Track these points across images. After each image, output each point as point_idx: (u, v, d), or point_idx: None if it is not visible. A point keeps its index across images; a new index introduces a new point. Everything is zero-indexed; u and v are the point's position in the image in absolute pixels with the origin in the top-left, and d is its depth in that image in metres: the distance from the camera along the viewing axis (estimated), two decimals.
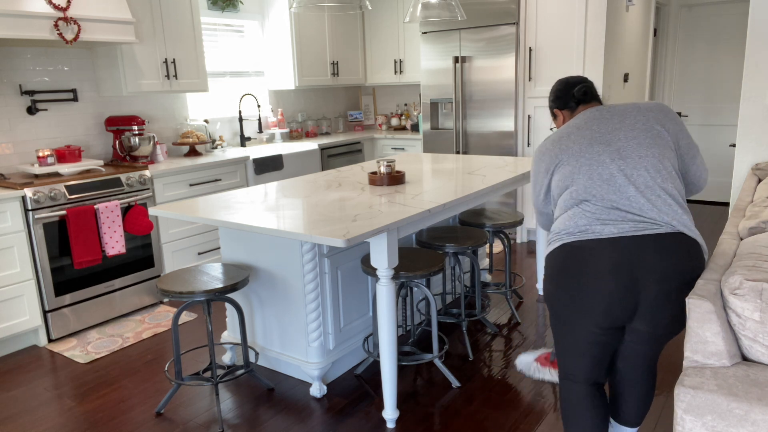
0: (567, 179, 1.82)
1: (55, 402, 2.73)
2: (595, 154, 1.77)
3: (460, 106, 5.10)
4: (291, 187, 3.10)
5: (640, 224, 1.68)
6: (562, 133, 1.88)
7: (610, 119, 1.82)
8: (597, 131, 1.81)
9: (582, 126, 1.85)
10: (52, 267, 3.30)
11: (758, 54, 3.34)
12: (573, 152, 1.82)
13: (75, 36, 3.30)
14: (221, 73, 5.00)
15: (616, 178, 1.72)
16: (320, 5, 2.84)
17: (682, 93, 6.27)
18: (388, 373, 2.39)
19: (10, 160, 3.63)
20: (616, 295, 1.67)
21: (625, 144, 1.76)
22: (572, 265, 1.72)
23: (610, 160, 1.74)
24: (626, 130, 1.78)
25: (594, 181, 1.75)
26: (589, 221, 1.72)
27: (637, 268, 1.65)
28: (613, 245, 1.67)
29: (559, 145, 1.86)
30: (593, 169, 1.76)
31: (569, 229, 1.76)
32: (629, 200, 1.70)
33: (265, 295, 2.83)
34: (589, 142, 1.80)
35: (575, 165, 1.80)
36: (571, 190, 1.79)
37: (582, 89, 2.00)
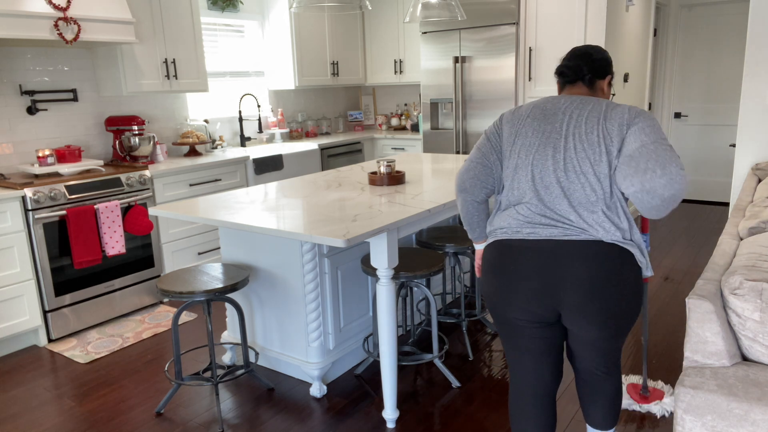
0: (512, 172, 1.76)
1: (55, 402, 2.73)
2: (543, 157, 1.70)
3: (460, 106, 5.09)
4: (291, 187, 3.10)
5: (568, 230, 1.65)
6: (527, 114, 1.78)
7: (571, 120, 1.69)
8: (553, 130, 1.71)
9: (543, 117, 1.74)
10: (52, 267, 3.30)
11: (758, 54, 3.34)
12: (526, 146, 1.74)
13: (75, 36, 3.30)
14: (221, 73, 5.00)
15: (554, 188, 1.67)
16: (320, 5, 2.84)
17: (682, 93, 6.27)
18: (388, 373, 2.39)
19: (10, 160, 3.63)
20: (535, 294, 1.68)
21: (573, 155, 1.66)
22: (503, 261, 1.73)
23: (553, 169, 1.68)
24: (579, 138, 1.66)
25: (535, 184, 1.70)
26: (521, 223, 1.71)
27: (558, 272, 1.64)
28: (538, 248, 1.67)
29: (520, 128, 1.77)
30: (536, 173, 1.70)
31: (504, 227, 1.75)
32: (561, 211, 1.66)
33: (265, 295, 2.83)
34: (543, 141, 1.71)
35: (525, 161, 1.73)
36: (513, 188, 1.75)
37: (560, 67, 1.86)
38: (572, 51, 1.86)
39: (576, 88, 1.82)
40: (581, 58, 1.81)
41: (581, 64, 1.80)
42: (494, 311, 1.82)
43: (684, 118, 6.32)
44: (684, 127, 6.34)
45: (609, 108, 1.68)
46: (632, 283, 1.66)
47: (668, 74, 6.29)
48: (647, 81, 5.68)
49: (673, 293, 3.82)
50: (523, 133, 1.74)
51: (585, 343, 1.78)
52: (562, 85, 1.85)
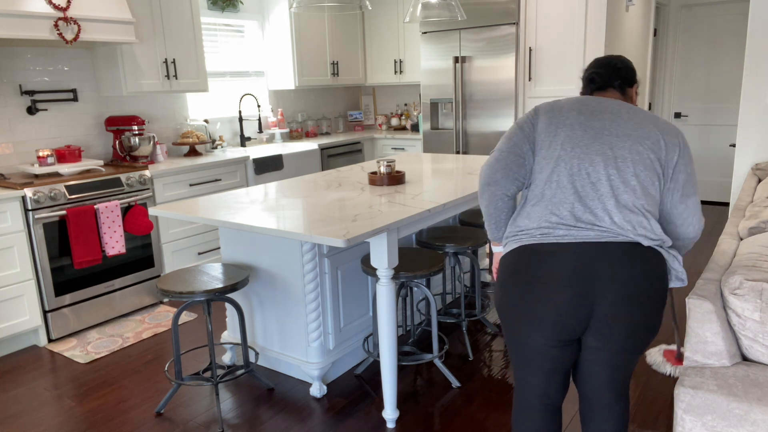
0: (551, 164, 1.62)
1: (55, 402, 2.73)
2: (592, 152, 1.59)
3: (460, 106, 5.09)
4: (291, 187, 3.10)
5: (605, 232, 1.55)
6: (570, 107, 1.68)
7: (624, 122, 1.61)
8: (603, 127, 1.61)
9: (591, 113, 1.65)
10: (52, 267, 3.30)
11: (758, 54, 3.34)
12: (573, 138, 1.61)
13: (75, 36, 3.30)
14: (221, 73, 5.00)
15: (602, 185, 1.57)
16: (320, 5, 2.84)
17: (682, 93, 6.27)
18: (388, 373, 2.39)
19: (10, 160, 3.63)
20: (569, 305, 1.54)
21: (626, 155, 1.57)
22: (526, 269, 1.59)
23: (604, 165, 1.57)
24: (634, 140, 1.58)
25: (579, 180, 1.58)
26: (555, 224, 1.58)
27: (595, 276, 1.53)
28: (574, 251, 1.54)
29: (563, 120, 1.66)
30: (583, 167, 1.58)
31: (532, 228, 1.61)
32: (602, 210, 1.56)
33: (265, 295, 2.83)
34: (593, 136, 1.60)
35: (570, 153, 1.60)
36: (550, 181, 1.61)
37: (590, 74, 1.79)
38: (597, 60, 1.82)
39: (608, 94, 1.77)
40: (609, 66, 1.77)
41: (611, 72, 1.76)
42: (512, 330, 1.68)
43: (684, 118, 6.32)
44: (684, 127, 6.34)
45: (659, 119, 1.64)
46: (663, 293, 1.58)
47: (668, 74, 6.29)
48: (647, 81, 5.67)
49: (672, 293, 3.82)
50: (568, 125, 1.63)
51: (602, 362, 1.65)
52: (590, 93, 1.78)
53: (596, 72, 1.77)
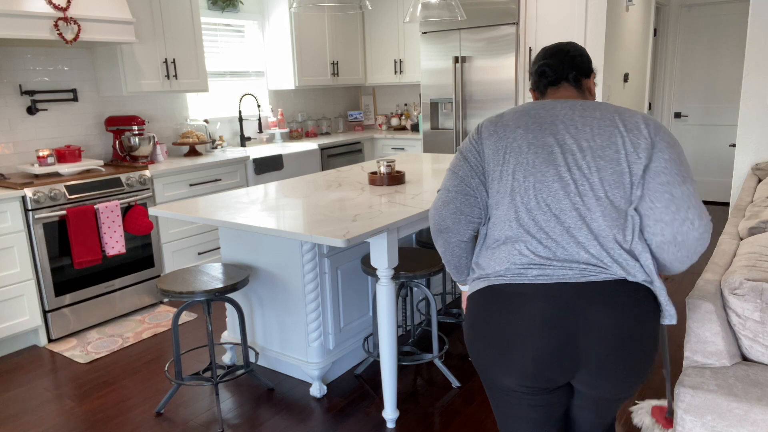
0: (506, 198, 1.40)
1: (55, 402, 2.73)
2: (548, 179, 1.36)
3: (460, 106, 5.09)
4: (291, 187, 3.10)
5: (586, 269, 1.33)
6: (516, 123, 1.44)
7: (577, 130, 1.38)
8: (555, 144, 1.38)
9: (539, 127, 1.41)
10: (52, 267, 3.30)
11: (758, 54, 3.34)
12: (523, 164, 1.38)
13: (75, 36, 3.30)
14: (221, 73, 5.00)
15: (569, 216, 1.35)
16: (320, 5, 2.84)
17: (682, 93, 6.27)
18: (388, 373, 2.39)
19: (10, 160, 3.63)
20: (548, 354, 1.33)
21: (587, 174, 1.35)
22: (497, 313, 1.38)
23: (564, 193, 1.35)
24: (592, 154, 1.35)
25: (540, 213, 1.36)
26: (525, 265, 1.37)
27: (577, 323, 1.32)
28: (550, 294, 1.33)
29: (510, 142, 1.42)
30: (541, 198, 1.36)
31: (499, 270, 1.40)
32: (576, 245, 1.34)
33: (265, 295, 2.83)
34: (545, 158, 1.37)
35: (523, 184, 1.38)
36: (508, 218, 1.40)
37: (539, 67, 1.54)
38: (546, 50, 1.58)
39: (561, 91, 1.53)
40: (560, 56, 1.53)
41: (564, 62, 1.52)
42: (485, 376, 1.48)
43: (684, 118, 6.32)
44: (684, 127, 6.34)
45: (622, 114, 1.40)
46: (655, 337, 1.39)
47: (668, 74, 6.29)
48: (647, 81, 5.68)
49: (673, 293, 3.82)
50: (515, 148, 1.40)
51: (594, 404, 1.51)
52: (543, 88, 1.56)
53: (547, 64, 1.52)
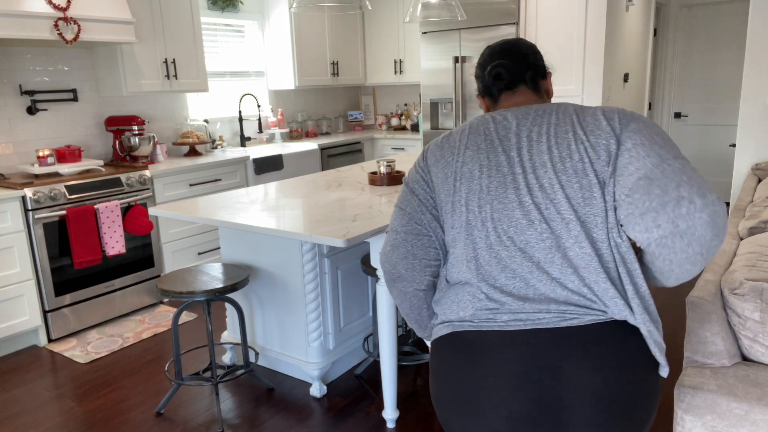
0: (462, 233, 1.20)
1: (55, 402, 2.73)
2: (506, 206, 1.15)
3: (460, 106, 5.09)
4: (291, 187, 3.10)
5: (566, 311, 1.11)
6: (464, 144, 1.24)
7: (533, 143, 1.18)
8: (510, 162, 1.17)
9: (490, 146, 1.20)
10: (52, 267, 3.30)
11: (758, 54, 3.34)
12: (477, 192, 1.18)
13: (75, 36, 3.30)
14: (221, 73, 5.00)
15: (538, 247, 1.14)
16: (320, 5, 2.84)
17: (682, 93, 6.27)
18: (388, 373, 2.39)
19: (10, 160, 3.63)
20: (527, 416, 1.11)
21: (550, 195, 1.14)
22: (464, 366, 1.17)
23: (527, 221, 1.14)
24: (554, 169, 1.15)
25: (503, 247, 1.15)
26: (492, 309, 1.16)
27: (560, 382, 1.10)
28: (526, 344, 1.11)
29: (460, 167, 1.21)
30: (502, 229, 1.15)
31: (464, 318, 1.19)
32: (550, 282, 1.13)
33: (265, 295, 2.83)
34: (500, 182, 1.16)
35: (479, 215, 1.18)
36: (467, 258, 1.19)
37: (495, 70, 1.31)
38: (495, 49, 1.35)
39: (518, 96, 1.31)
40: (515, 55, 1.32)
41: (520, 62, 1.31)
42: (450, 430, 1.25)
43: (684, 118, 6.32)
44: (684, 127, 6.34)
45: (580, 114, 1.19)
46: (657, 385, 1.17)
47: (668, 74, 6.29)
48: (647, 81, 5.68)
49: (673, 293, 3.82)
50: (466, 174, 1.20)
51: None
52: (497, 94, 1.33)
53: (501, 64, 1.30)
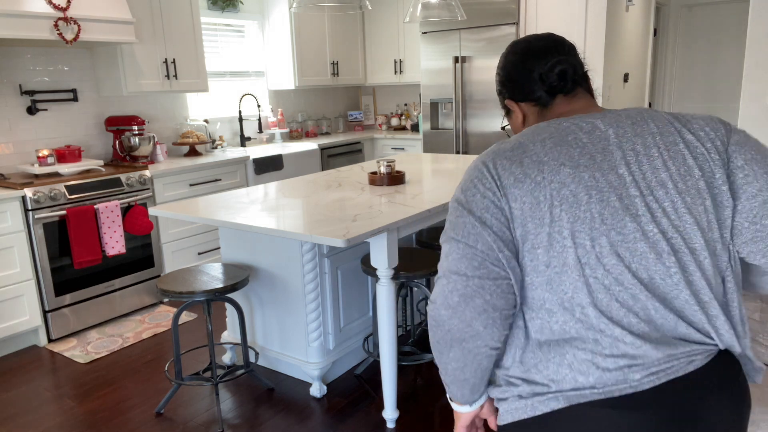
0: (562, 272, 0.95)
1: (55, 402, 2.73)
2: (627, 237, 0.94)
3: (460, 106, 5.09)
4: (291, 187, 3.10)
5: (691, 352, 0.95)
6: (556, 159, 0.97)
7: (642, 157, 0.97)
8: (622, 183, 0.96)
9: (592, 161, 0.97)
10: (52, 267, 3.30)
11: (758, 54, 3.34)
12: (588, 221, 0.94)
13: (75, 36, 3.30)
14: (221, 73, 5.00)
15: (661, 284, 0.95)
16: (320, 5, 2.84)
17: (682, 93, 6.27)
18: (388, 373, 2.39)
19: (10, 160, 3.63)
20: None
21: (673, 220, 0.95)
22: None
23: (656, 255, 0.94)
24: (675, 188, 0.96)
25: (624, 289, 0.94)
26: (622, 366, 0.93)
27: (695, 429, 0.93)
28: (660, 402, 0.92)
29: (558, 189, 0.95)
30: (623, 265, 0.94)
31: (582, 381, 0.94)
32: (678, 319, 0.95)
33: (265, 295, 2.83)
34: (617, 207, 0.94)
35: (591, 250, 0.94)
36: (577, 300, 0.94)
37: (560, 67, 1.09)
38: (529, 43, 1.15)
39: (577, 101, 1.12)
40: (565, 50, 1.13)
41: (576, 58, 1.14)
42: None
43: None
44: None
45: (682, 121, 1.02)
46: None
47: (668, 74, 6.29)
48: (647, 81, 5.68)
49: None
50: (568, 198, 0.94)
51: None
52: (548, 99, 1.12)
53: (565, 61, 1.10)
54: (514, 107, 1.17)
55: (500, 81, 1.19)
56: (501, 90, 1.20)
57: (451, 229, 1.01)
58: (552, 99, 1.12)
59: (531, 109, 1.15)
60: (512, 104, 1.18)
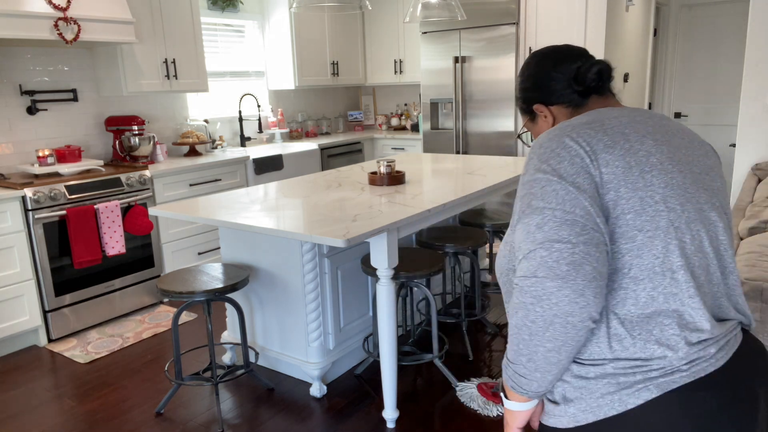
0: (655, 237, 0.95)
1: (55, 402, 2.73)
2: (702, 204, 1.01)
3: (460, 106, 5.09)
4: (291, 187, 3.10)
5: (736, 329, 1.02)
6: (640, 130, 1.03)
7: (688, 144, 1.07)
8: (688, 160, 1.03)
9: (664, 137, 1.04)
10: (52, 267, 3.30)
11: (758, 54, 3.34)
12: (675, 187, 0.99)
13: (75, 36, 3.30)
14: (221, 73, 5.00)
15: (725, 255, 1.03)
16: (320, 5, 2.84)
17: (682, 93, 6.27)
18: (388, 373, 2.39)
19: (10, 160, 3.63)
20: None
21: (722, 200, 1.06)
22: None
23: (723, 226, 1.03)
24: (707, 170, 1.06)
25: (704, 256, 0.98)
26: (702, 341, 0.94)
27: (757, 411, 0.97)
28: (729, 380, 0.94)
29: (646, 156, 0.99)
30: (704, 233, 0.99)
31: (670, 357, 0.93)
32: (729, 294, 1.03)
33: (265, 295, 2.83)
34: (692, 179, 1.02)
35: (681, 215, 0.97)
36: (669, 266, 0.95)
37: (597, 66, 1.14)
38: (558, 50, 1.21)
39: (609, 101, 1.18)
40: (588, 54, 1.20)
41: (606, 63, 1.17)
42: None
43: (684, 118, 6.32)
44: None
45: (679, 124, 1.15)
46: None
47: (668, 74, 6.29)
48: (647, 81, 5.68)
49: None
50: (656, 165, 0.98)
51: None
52: (581, 100, 1.17)
53: (600, 61, 1.16)
54: (545, 111, 1.20)
55: (526, 87, 1.23)
56: (527, 96, 1.23)
57: (540, 198, 0.96)
58: (585, 99, 1.16)
59: (562, 111, 1.19)
60: (542, 108, 1.20)
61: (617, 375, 0.95)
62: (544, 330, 0.94)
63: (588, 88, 1.15)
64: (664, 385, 0.92)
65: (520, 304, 0.95)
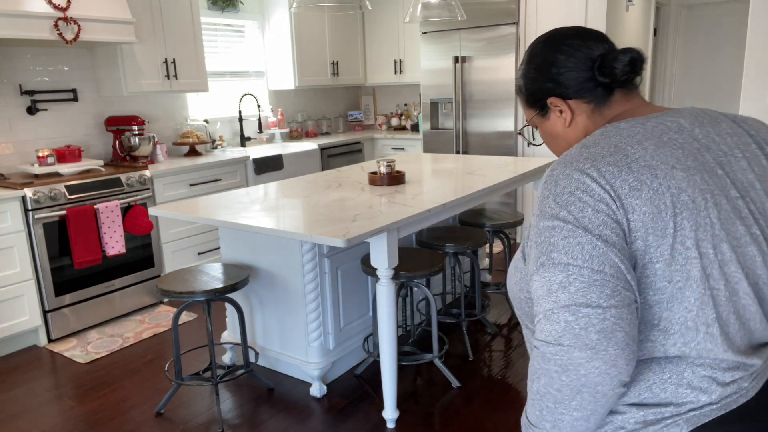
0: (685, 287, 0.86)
1: (55, 402, 2.73)
2: (739, 240, 0.89)
3: (460, 106, 5.09)
4: (291, 187, 3.10)
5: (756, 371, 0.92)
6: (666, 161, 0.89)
7: (734, 159, 0.93)
8: (725, 185, 0.90)
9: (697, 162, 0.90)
10: (52, 267, 3.30)
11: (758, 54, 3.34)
12: (708, 227, 0.87)
13: (75, 36, 3.30)
14: (221, 73, 5.00)
15: (763, 288, 0.91)
16: (320, 5, 2.84)
17: (682, 93, 6.27)
18: (388, 373, 2.39)
19: (10, 160, 3.63)
20: None
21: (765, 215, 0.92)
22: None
23: (762, 260, 0.90)
24: (765, 187, 0.93)
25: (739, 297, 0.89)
26: (737, 379, 0.88)
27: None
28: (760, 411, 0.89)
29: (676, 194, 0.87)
30: (741, 272, 0.88)
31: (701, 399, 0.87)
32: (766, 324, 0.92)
33: (265, 295, 2.83)
34: (729, 212, 0.89)
35: (711, 259, 0.87)
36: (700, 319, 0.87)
37: (630, 55, 0.97)
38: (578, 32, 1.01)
39: (636, 98, 1.04)
40: (605, 39, 1.03)
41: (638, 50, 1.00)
42: None
43: None
44: None
45: (738, 121, 0.98)
46: None
47: (668, 74, 6.29)
48: (647, 81, 5.68)
49: None
50: (687, 205, 0.86)
51: None
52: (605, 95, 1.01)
53: (632, 48, 0.99)
54: (561, 105, 1.02)
55: (534, 77, 1.03)
56: (536, 88, 1.04)
57: (562, 252, 0.85)
58: (610, 95, 1.00)
59: (582, 107, 1.01)
60: (558, 102, 1.02)
61: (637, 415, 0.90)
62: (570, 399, 0.86)
63: (615, 81, 0.98)
64: (693, 419, 0.86)
65: (543, 370, 0.86)
